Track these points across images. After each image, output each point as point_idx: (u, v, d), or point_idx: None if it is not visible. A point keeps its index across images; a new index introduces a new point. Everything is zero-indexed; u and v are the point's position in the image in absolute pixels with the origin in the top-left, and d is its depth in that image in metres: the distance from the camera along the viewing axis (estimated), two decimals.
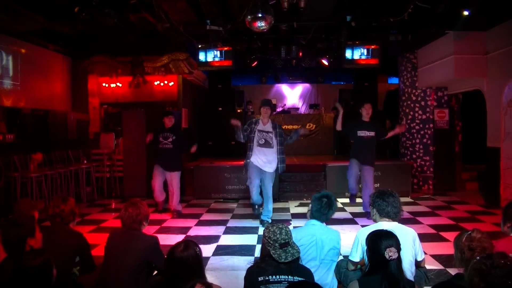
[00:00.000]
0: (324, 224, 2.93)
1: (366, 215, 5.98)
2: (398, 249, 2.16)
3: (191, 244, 2.13)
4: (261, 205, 5.73)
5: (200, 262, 2.12)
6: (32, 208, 3.22)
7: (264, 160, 5.48)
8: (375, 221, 2.93)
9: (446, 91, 8.51)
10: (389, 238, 2.19)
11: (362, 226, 5.08)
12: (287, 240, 2.30)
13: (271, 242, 2.29)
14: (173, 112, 6.41)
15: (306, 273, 2.34)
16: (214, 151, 10.29)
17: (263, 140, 5.47)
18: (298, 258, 2.35)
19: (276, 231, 2.32)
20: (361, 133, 5.93)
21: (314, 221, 2.92)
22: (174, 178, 6.18)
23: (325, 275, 2.73)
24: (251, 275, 2.30)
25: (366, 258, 2.32)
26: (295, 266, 2.30)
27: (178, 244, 2.13)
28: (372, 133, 5.93)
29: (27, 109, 8.21)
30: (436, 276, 3.65)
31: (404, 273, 2.20)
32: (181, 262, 2.05)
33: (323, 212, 2.88)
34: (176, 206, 6.30)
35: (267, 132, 5.50)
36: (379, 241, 2.17)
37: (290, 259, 2.25)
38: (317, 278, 2.52)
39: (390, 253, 2.11)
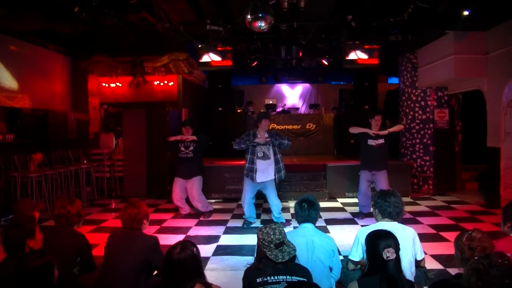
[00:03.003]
0: (314, 226, 2.94)
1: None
2: (397, 250, 2.16)
3: (188, 245, 2.12)
4: (251, 223, 5.70)
5: (198, 262, 2.12)
6: (33, 209, 3.22)
7: (263, 172, 5.47)
8: (377, 220, 2.94)
9: (446, 91, 8.51)
10: (388, 238, 2.19)
11: (362, 226, 5.08)
12: (281, 240, 2.29)
13: (266, 243, 2.28)
14: (188, 123, 6.16)
15: (304, 272, 2.33)
16: (214, 151, 10.26)
17: (262, 153, 5.47)
18: (295, 257, 2.34)
19: (270, 232, 2.31)
20: (371, 142, 5.84)
21: (306, 224, 2.93)
22: (194, 184, 6.03)
23: (319, 277, 2.70)
24: (249, 277, 2.30)
25: (365, 258, 2.33)
26: (293, 266, 2.30)
27: (175, 245, 2.12)
28: (381, 140, 5.84)
29: (27, 109, 8.22)
30: (436, 276, 3.64)
31: (403, 274, 2.20)
32: (179, 264, 2.04)
33: (304, 214, 2.90)
34: (205, 209, 6.16)
35: (264, 144, 5.47)
36: (378, 242, 2.17)
37: (287, 258, 2.24)
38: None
39: (388, 254, 2.11)
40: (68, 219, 2.87)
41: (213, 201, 7.50)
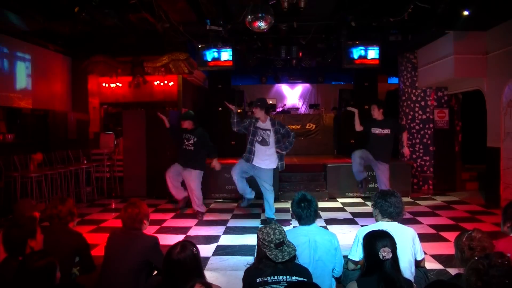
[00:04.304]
0: (316, 224, 2.92)
1: None
2: (393, 249, 2.16)
3: (188, 245, 2.12)
4: (250, 199, 5.70)
5: (198, 262, 2.12)
6: (33, 209, 3.22)
7: (261, 157, 5.50)
8: (376, 220, 2.94)
9: (446, 91, 8.51)
10: (384, 238, 2.20)
11: (362, 226, 5.08)
12: (281, 240, 2.29)
13: (266, 243, 2.28)
14: (189, 116, 6.12)
15: (304, 272, 2.33)
16: None
17: (261, 137, 5.49)
18: (295, 257, 2.34)
19: (270, 232, 2.30)
20: (375, 130, 5.95)
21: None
22: (191, 176, 5.90)
23: (321, 277, 2.71)
24: (249, 277, 2.30)
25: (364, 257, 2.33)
26: (292, 266, 2.30)
27: (175, 246, 2.12)
28: (387, 130, 5.91)
29: (27, 109, 8.21)
30: (436, 276, 3.64)
31: (401, 273, 2.20)
32: (179, 264, 2.04)
33: (307, 214, 2.84)
34: (198, 207, 6.06)
35: (265, 129, 5.50)
36: (374, 242, 2.18)
37: (287, 258, 2.24)
38: (313, 278, 2.50)
39: (383, 253, 2.12)
40: (60, 219, 2.87)
41: (213, 201, 7.50)
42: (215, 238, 5.05)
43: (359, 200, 7.48)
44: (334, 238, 2.86)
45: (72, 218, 2.96)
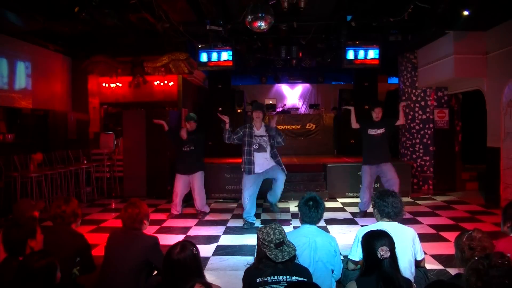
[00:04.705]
0: (317, 226, 2.92)
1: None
2: (391, 248, 2.16)
3: (187, 245, 2.12)
4: (252, 223, 5.66)
5: (198, 262, 2.12)
6: (32, 209, 3.21)
7: (263, 162, 5.49)
8: (377, 220, 2.95)
9: (446, 91, 8.51)
10: (382, 238, 2.21)
11: (362, 225, 5.07)
12: (281, 239, 2.29)
13: (266, 243, 2.28)
14: (194, 118, 6.20)
15: (304, 272, 2.33)
16: (214, 151, 10.28)
17: (257, 145, 5.49)
18: (295, 257, 2.34)
19: (270, 232, 2.30)
20: (372, 131, 5.96)
21: (308, 225, 2.91)
22: (196, 179, 6.04)
23: (321, 277, 2.70)
24: (249, 277, 2.30)
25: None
26: (293, 266, 2.30)
27: (175, 246, 2.12)
28: (382, 130, 5.93)
29: (27, 109, 8.21)
30: (436, 276, 3.64)
31: (400, 272, 2.20)
32: (179, 264, 2.04)
33: (313, 215, 2.85)
34: (202, 207, 6.17)
35: (261, 136, 5.51)
36: (373, 242, 2.19)
37: (287, 257, 2.24)
38: (313, 279, 2.50)
39: (382, 252, 2.13)
40: (63, 219, 2.86)
41: (213, 201, 7.50)
42: (215, 238, 5.05)
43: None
44: (334, 241, 2.87)
45: (75, 219, 2.95)
